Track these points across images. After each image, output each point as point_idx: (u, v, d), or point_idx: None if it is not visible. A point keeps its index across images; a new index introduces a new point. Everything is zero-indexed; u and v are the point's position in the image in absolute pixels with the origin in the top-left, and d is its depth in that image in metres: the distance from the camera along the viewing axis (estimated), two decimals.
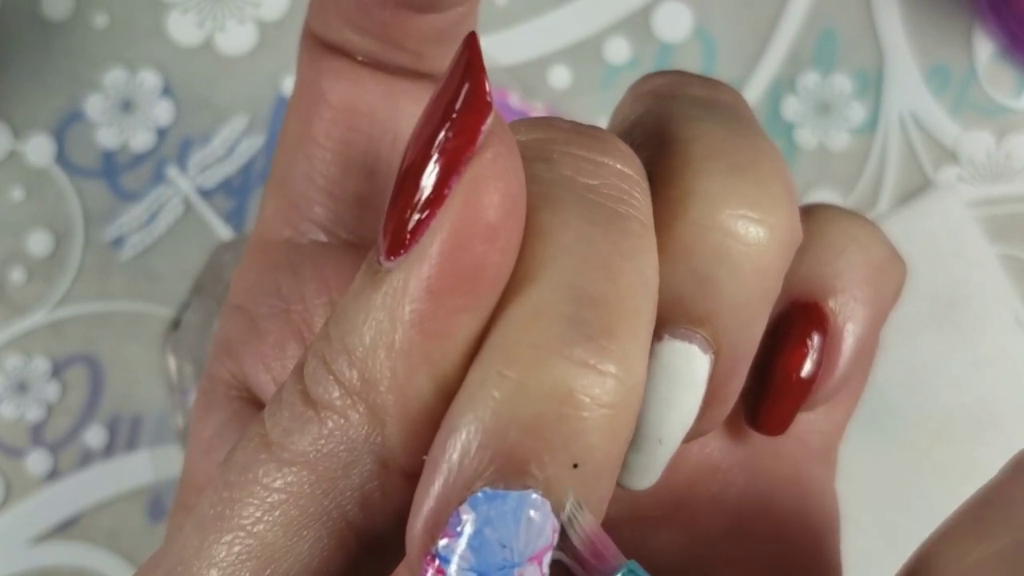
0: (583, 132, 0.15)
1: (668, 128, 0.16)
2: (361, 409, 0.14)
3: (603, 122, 0.16)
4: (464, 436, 0.13)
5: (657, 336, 0.15)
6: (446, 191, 0.13)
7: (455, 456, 0.13)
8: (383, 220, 0.14)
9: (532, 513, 0.13)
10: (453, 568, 0.13)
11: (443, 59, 0.21)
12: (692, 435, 0.17)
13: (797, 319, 0.19)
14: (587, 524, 0.13)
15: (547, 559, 0.13)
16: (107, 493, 0.39)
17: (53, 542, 0.38)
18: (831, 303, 0.19)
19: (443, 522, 0.13)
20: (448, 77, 0.14)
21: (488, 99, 0.13)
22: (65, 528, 0.38)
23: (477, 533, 0.13)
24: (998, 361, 0.39)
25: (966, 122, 0.40)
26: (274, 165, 0.21)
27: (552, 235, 0.14)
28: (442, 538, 0.13)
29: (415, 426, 0.14)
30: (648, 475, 0.16)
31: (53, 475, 0.39)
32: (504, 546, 0.13)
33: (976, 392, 0.39)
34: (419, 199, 0.13)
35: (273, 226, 0.21)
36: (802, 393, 0.19)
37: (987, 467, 0.17)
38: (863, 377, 0.22)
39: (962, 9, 0.41)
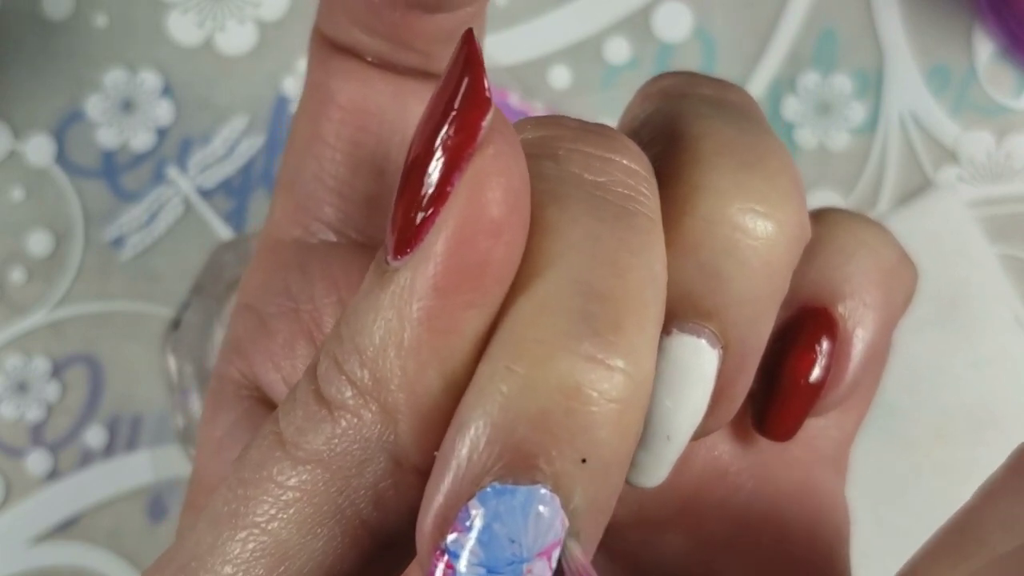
0: (590, 129, 0.15)
1: (677, 126, 0.17)
2: (373, 408, 0.14)
3: (604, 122, 0.16)
4: (473, 431, 0.13)
5: (666, 330, 0.15)
6: (449, 188, 0.13)
7: (464, 451, 0.13)
8: (389, 219, 0.14)
9: (541, 508, 0.13)
10: (463, 563, 0.13)
11: None
12: (700, 433, 0.17)
13: (806, 324, 0.19)
14: (577, 557, 0.13)
15: (556, 554, 0.13)
16: (107, 493, 0.39)
17: (53, 542, 0.38)
18: (840, 308, 0.19)
19: (452, 517, 0.13)
20: (447, 75, 0.14)
21: (487, 95, 0.13)
22: (65, 528, 0.38)
23: (486, 528, 0.13)
24: (998, 361, 0.39)
25: (966, 122, 0.40)
26: (283, 166, 0.21)
27: (559, 231, 0.14)
28: (451, 533, 0.13)
29: (426, 423, 0.14)
30: (656, 473, 0.16)
31: (53, 475, 0.39)
32: (513, 541, 0.13)
33: (976, 392, 0.39)
34: (423, 197, 0.13)
35: (282, 226, 0.21)
36: (810, 398, 0.19)
37: (987, 467, 0.17)
38: (874, 382, 0.22)
39: (962, 9, 0.41)
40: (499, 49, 0.40)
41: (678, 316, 0.16)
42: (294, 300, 0.20)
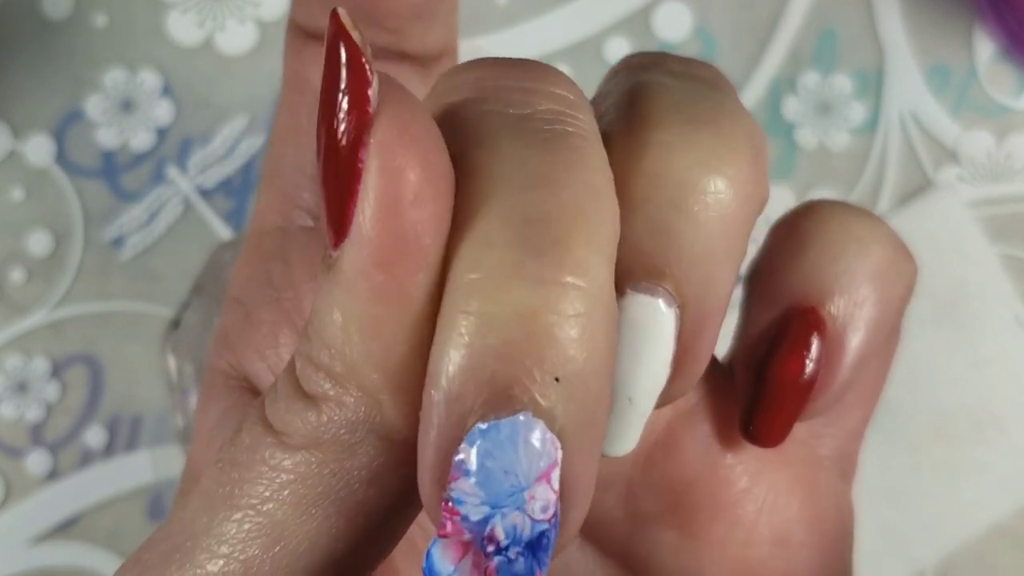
0: (514, 64, 0.15)
1: (634, 93, 0.16)
2: (354, 392, 0.14)
3: None
4: (444, 381, 0.13)
5: (620, 291, 0.15)
6: (360, 165, 0.13)
7: (441, 401, 0.13)
8: (322, 214, 0.14)
9: (528, 435, 0.13)
10: (468, 507, 0.13)
11: (422, 38, 0.21)
12: (666, 397, 0.16)
13: (793, 324, 0.19)
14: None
15: (555, 475, 0.13)
16: (107, 493, 0.39)
17: (53, 542, 0.38)
18: (829, 307, 0.18)
19: (448, 467, 0.13)
20: (326, 58, 0.14)
21: (365, 64, 0.13)
22: (65, 528, 0.38)
23: (481, 467, 0.13)
24: (998, 361, 0.39)
25: (966, 122, 0.40)
26: (266, 159, 0.22)
27: (487, 170, 0.14)
28: (451, 481, 0.13)
29: (407, 395, 0.14)
30: (623, 439, 0.16)
31: (53, 475, 0.39)
32: (508, 472, 0.13)
33: (976, 392, 0.39)
34: (339, 182, 0.13)
35: (266, 217, 0.21)
36: (799, 403, 0.19)
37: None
38: (879, 381, 0.21)
39: (962, 9, 0.41)
40: (499, 49, 0.40)
41: (632, 275, 0.15)
42: (276, 289, 0.20)
